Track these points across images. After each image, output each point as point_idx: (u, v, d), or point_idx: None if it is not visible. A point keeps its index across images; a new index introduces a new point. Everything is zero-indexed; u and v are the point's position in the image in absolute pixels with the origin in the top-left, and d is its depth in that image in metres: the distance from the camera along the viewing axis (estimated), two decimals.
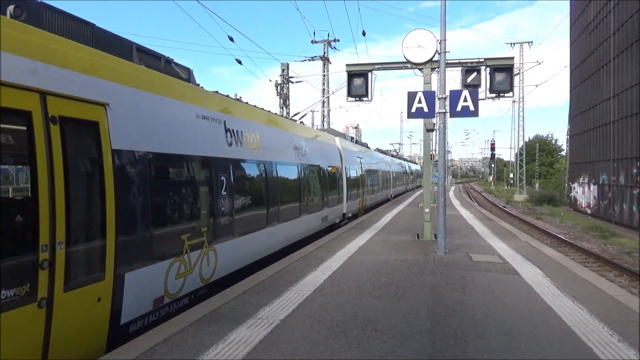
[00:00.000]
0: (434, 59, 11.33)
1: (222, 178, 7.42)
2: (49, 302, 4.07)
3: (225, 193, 7.42)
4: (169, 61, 7.09)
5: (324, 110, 30.01)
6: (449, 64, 11.83)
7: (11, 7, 4.27)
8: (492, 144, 59.19)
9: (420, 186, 55.89)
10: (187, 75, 7.47)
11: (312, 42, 28.52)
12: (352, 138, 25.09)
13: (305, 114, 22.23)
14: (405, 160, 53.95)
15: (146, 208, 5.51)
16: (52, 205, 4.10)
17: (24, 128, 4.06)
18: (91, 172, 4.85)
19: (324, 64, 28.93)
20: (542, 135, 78.18)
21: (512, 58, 12.36)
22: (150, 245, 5.56)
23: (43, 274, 4.01)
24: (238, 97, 10.05)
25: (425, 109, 9.96)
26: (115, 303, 4.92)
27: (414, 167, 57.68)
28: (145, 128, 5.75)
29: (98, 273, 4.70)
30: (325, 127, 27.82)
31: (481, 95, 11.54)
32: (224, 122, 7.77)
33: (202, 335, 4.88)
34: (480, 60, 12.09)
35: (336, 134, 19.62)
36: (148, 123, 5.84)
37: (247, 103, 9.97)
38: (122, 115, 5.22)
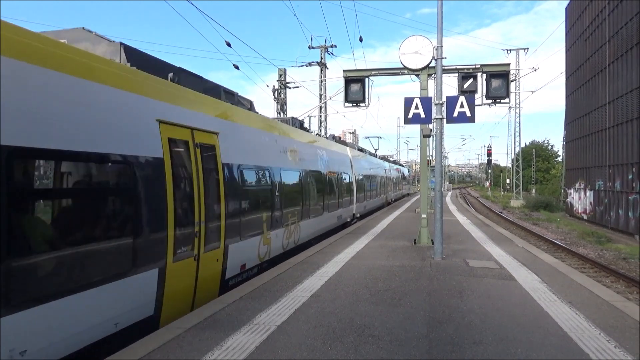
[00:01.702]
0: (430, 65, 11.39)
1: None
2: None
3: None
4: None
5: (321, 116, 30.07)
6: (446, 70, 11.92)
7: None
8: (488, 150, 59.64)
9: (410, 194, 52.05)
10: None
11: (309, 47, 28.63)
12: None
13: (303, 119, 22.17)
14: (389, 161, 39.60)
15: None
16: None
17: None
18: None
19: (321, 70, 29.00)
20: (539, 141, 78.59)
21: (508, 64, 12.46)
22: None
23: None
24: None
25: (422, 115, 10.01)
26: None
27: (400, 169, 44.46)
28: None
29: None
30: (323, 133, 27.76)
31: (478, 102, 11.62)
32: None
33: (198, 341, 4.86)
34: (477, 66, 12.18)
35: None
36: None
37: None
38: None
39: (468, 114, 9.58)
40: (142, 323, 5.56)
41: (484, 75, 12.03)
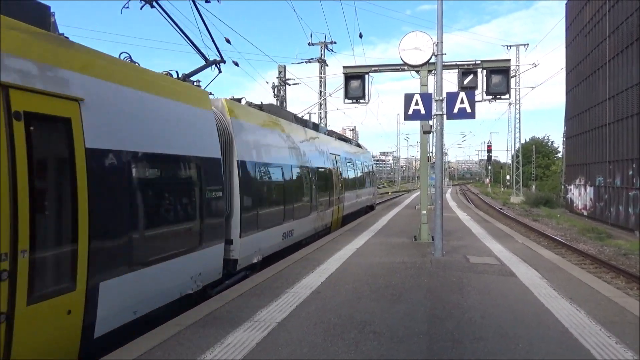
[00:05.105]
0: (430, 61, 11.36)
1: None
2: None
3: None
4: None
5: (320, 113, 30.03)
6: (446, 66, 11.87)
7: None
8: (488, 146, 59.52)
9: (373, 207, 39.03)
10: None
11: (309, 44, 28.58)
12: None
13: (303, 116, 22.13)
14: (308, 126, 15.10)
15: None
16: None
17: None
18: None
19: (321, 66, 28.95)
20: (539, 137, 78.34)
21: (509, 60, 12.42)
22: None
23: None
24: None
25: (422, 111, 9.98)
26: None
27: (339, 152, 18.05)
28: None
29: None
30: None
31: (478, 98, 11.57)
32: None
33: (198, 339, 4.85)
34: (477, 62, 12.14)
35: None
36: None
37: None
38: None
39: (468, 110, 9.55)
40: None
41: (484, 71, 11.99)
